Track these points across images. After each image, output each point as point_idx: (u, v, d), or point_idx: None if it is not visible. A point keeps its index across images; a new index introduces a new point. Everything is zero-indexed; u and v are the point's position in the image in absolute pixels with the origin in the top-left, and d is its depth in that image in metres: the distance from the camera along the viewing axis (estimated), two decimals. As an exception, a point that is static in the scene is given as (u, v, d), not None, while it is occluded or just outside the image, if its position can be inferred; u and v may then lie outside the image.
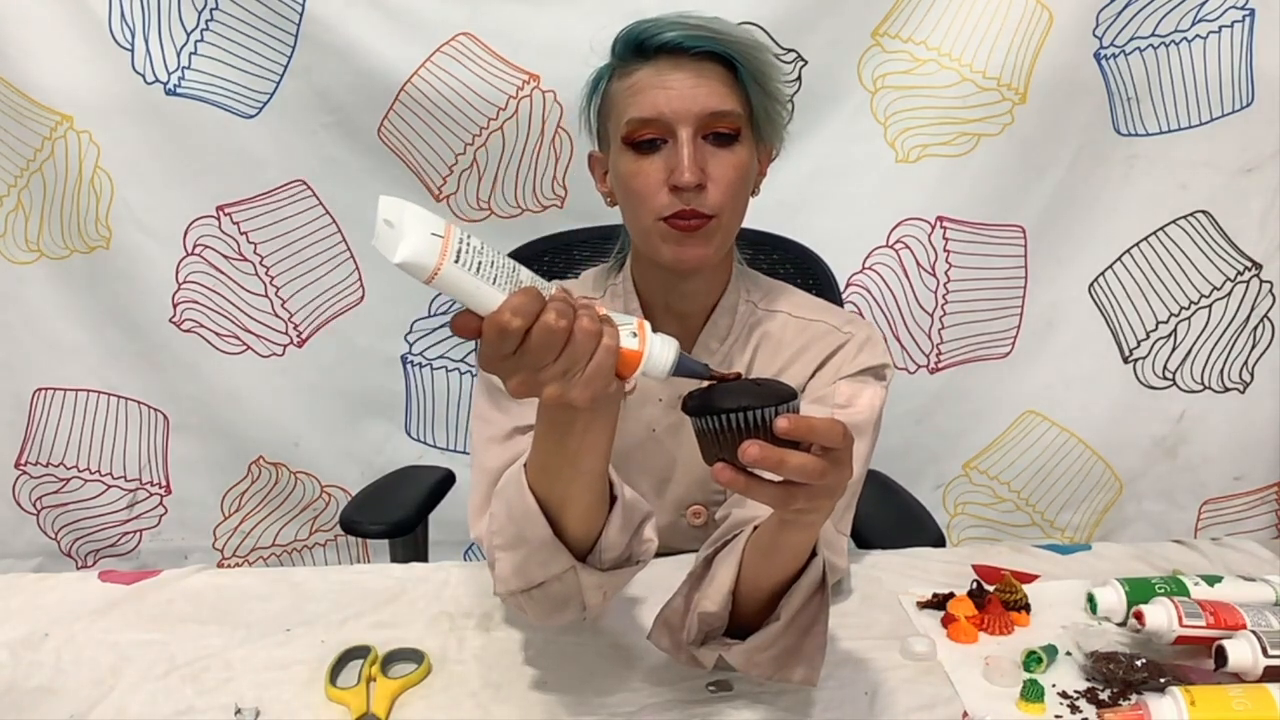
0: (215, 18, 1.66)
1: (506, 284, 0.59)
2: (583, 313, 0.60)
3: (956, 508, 1.94)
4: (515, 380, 0.61)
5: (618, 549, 0.77)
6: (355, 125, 1.70)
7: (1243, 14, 1.67)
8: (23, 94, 1.67)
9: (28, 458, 1.90)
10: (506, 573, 0.77)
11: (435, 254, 0.57)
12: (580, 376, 0.61)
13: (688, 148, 0.86)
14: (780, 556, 0.74)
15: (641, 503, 0.81)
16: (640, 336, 0.63)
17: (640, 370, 0.63)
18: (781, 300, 1.03)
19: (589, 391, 0.61)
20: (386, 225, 0.57)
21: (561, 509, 0.74)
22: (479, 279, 0.58)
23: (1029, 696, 0.79)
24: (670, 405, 1.00)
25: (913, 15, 1.67)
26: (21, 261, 1.79)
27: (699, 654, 0.80)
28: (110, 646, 0.91)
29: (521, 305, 0.58)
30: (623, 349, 0.62)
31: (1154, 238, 1.79)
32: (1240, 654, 0.79)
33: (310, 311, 1.82)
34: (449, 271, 0.57)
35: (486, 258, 0.59)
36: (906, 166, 1.73)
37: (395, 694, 0.83)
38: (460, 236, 0.58)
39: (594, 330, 0.60)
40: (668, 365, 0.63)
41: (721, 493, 1.01)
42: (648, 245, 0.92)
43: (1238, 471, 1.91)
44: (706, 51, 0.86)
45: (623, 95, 0.89)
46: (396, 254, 0.57)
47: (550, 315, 0.59)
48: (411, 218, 0.57)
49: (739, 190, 0.90)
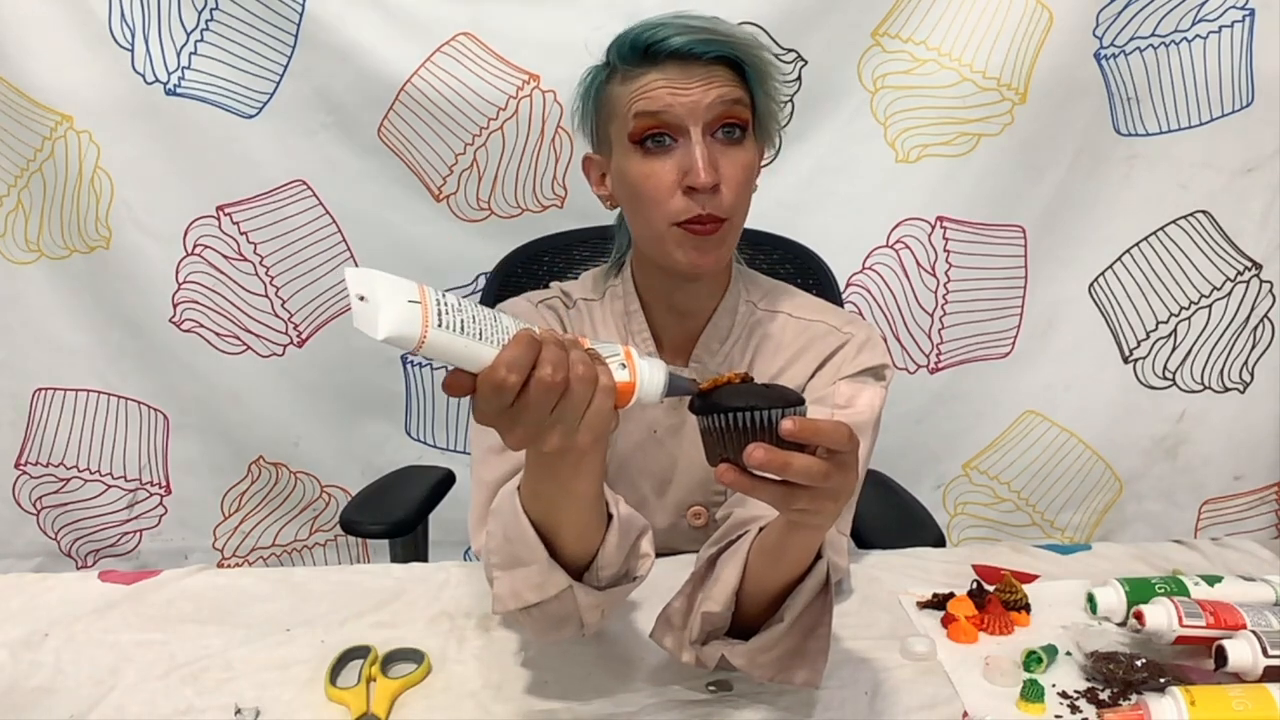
0: (215, 18, 1.66)
1: (493, 336, 0.58)
2: (576, 357, 0.59)
3: (956, 508, 1.94)
4: (515, 434, 0.60)
5: (615, 566, 0.77)
6: (355, 125, 1.70)
7: (1243, 14, 1.67)
8: (23, 94, 1.67)
9: (28, 458, 1.90)
10: (504, 593, 0.77)
11: (417, 323, 0.56)
12: (581, 423, 0.60)
13: (701, 147, 0.85)
14: (786, 558, 0.74)
15: (637, 518, 0.81)
16: (630, 366, 0.63)
17: (634, 400, 0.63)
18: (781, 301, 1.03)
19: (591, 436, 0.61)
20: (360, 301, 0.55)
21: (557, 530, 0.74)
22: (466, 338, 0.57)
23: (1029, 696, 0.79)
24: (672, 406, 1.00)
25: (913, 15, 1.67)
26: (21, 261, 1.79)
27: (701, 653, 0.80)
28: (110, 646, 0.91)
29: (516, 359, 0.57)
30: (616, 384, 0.62)
31: (1154, 238, 1.79)
32: (1240, 654, 0.79)
33: (310, 311, 1.82)
34: (435, 338, 0.56)
35: (467, 313, 0.58)
36: (906, 166, 1.73)
37: (395, 694, 0.83)
38: (436, 298, 0.58)
39: (589, 376, 0.59)
40: (659, 390, 0.63)
41: (722, 494, 1.01)
42: (659, 249, 0.91)
43: (1238, 471, 1.91)
44: (716, 56, 0.86)
45: (628, 96, 0.87)
46: (379, 330, 0.55)
47: (546, 369, 0.57)
48: (385, 288, 0.56)
49: (747, 190, 0.90)
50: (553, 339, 0.59)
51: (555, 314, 1.02)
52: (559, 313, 1.02)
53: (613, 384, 0.61)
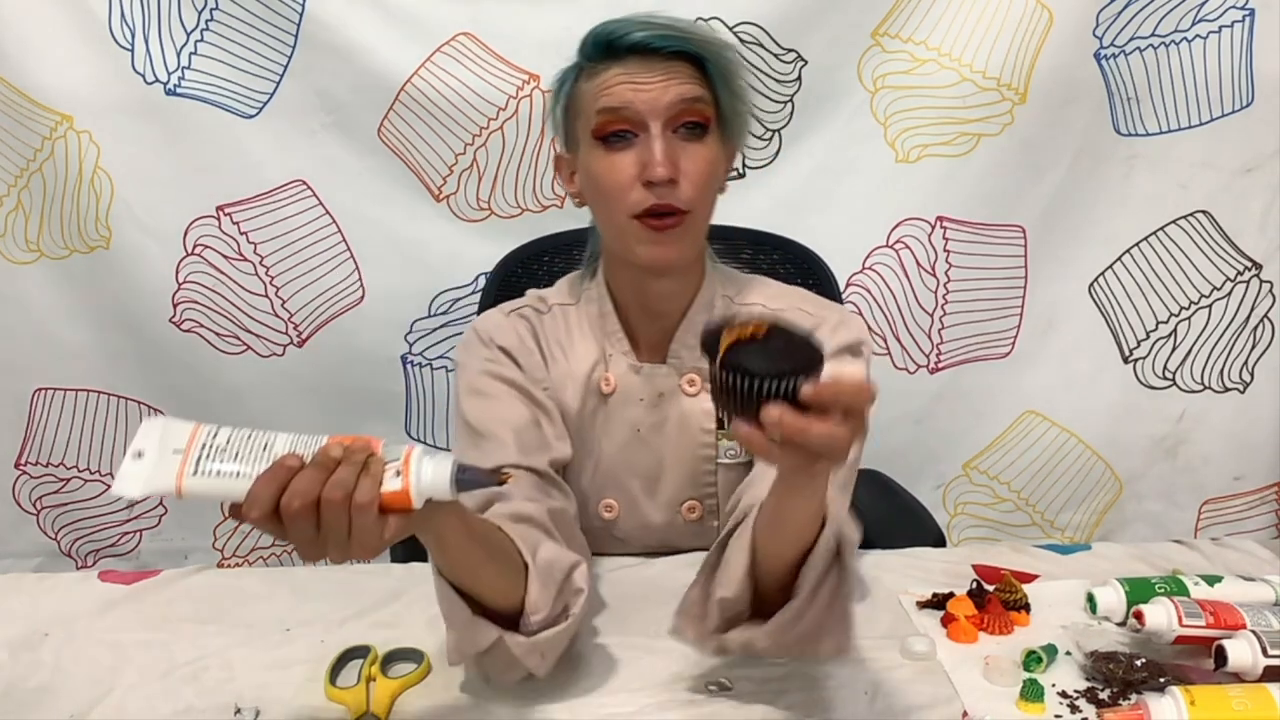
0: (215, 18, 1.66)
1: (255, 470, 0.61)
2: (335, 480, 0.60)
3: (956, 508, 1.94)
4: (298, 551, 0.62)
5: (544, 609, 0.78)
6: (355, 125, 1.70)
7: (1243, 14, 1.67)
8: (23, 94, 1.67)
9: (28, 458, 1.90)
10: (451, 646, 0.79)
11: (173, 476, 0.60)
12: (350, 540, 0.61)
13: (659, 141, 0.86)
14: (787, 529, 0.74)
15: (563, 556, 0.82)
16: (404, 473, 0.62)
17: (415, 505, 0.62)
18: (755, 292, 1.03)
19: (364, 552, 0.62)
20: (136, 458, 0.60)
21: (476, 590, 0.76)
22: (223, 479, 0.61)
23: (1029, 696, 0.79)
24: (652, 404, 1.00)
25: (913, 15, 1.67)
26: (21, 261, 1.79)
27: (724, 641, 0.79)
28: (110, 646, 0.91)
29: (257, 497, 0.60)
30: (385, 495, 0.61)
31: (1154, 238, 1.79)
32: (1240, 654, 0.79)
33: (310, 311, 1.82)
34: (190, 485, 0.60)
35: (231, 449, 0.61)
36: (906, 166, 1.73)
37: (395, 694, 0.83)
38: (203, 442, 0.61)
39: (340, 500, 0.60)
40: (444, 489, 0.63)
41: (714, 485, 1.02)
42: (621, 244, 0.93)
43: (1238, 471, 1.91)
44: (676, 51, 0.87)
45: (591, 93, 0.89)
46: (135, 492, 0.60)
47: (294, 502, 0.59)
48: (157, 442, 0.61)
49: (709, 185, 0.91)
50: (315, 463, 0.61)
51: (528, 323, 1.03)
52: (531, 322, 1.03)
53: (373, 499, 0.61)
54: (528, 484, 0.91)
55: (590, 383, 1.01)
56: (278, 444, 0.63)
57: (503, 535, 0.80)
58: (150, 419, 0.63)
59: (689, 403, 1.00)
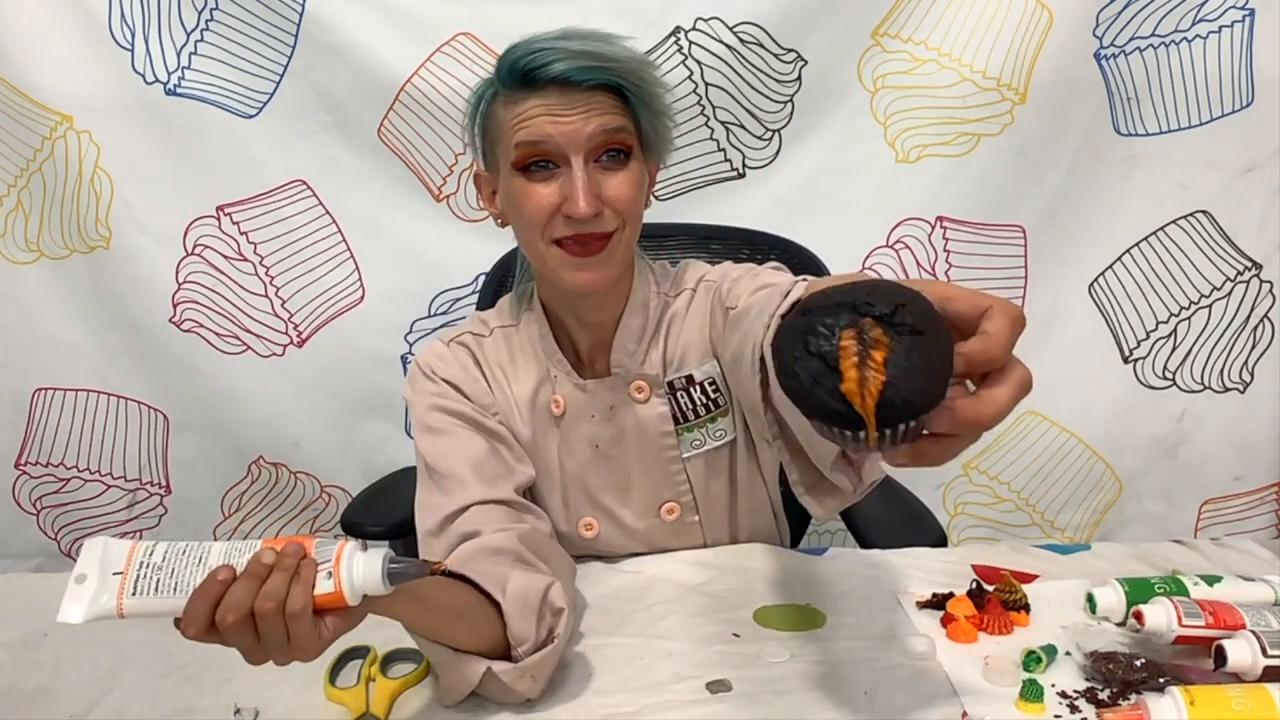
0: (215, 18, 1.66)
1: (190, 582, 0.63)
2: (267, 590, 0.62)
3: (957, 508, 1.94)
4: (244, 656, 0.64)
5: (529, 637, 0.79)
6: (355, 125, 1.70)
7: (1243, 14, 1.67)
8: (23, 94, 1.67)
9: (28, 458, 1.90)
10: (444, 689, 0.81)
11: (113, 598, 0.64)
12: (290, 645, 0.63)
13: (580, 175, 0.85)
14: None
15: (533, 580, 0.82)
16: (335, 574, 0.64)
17: (350, 603, 0.64)
18: (687, 278, 1.03)
19: (305, 655, 0.64)
20: (78, 583, 0.63)
21: (453, 640, 0.77)
22: (161, 597, 0.63)
23: (1028, 696, 0.79)
24: (605, 418, 1.00)
25: (913, 15, 1.66)
26: (21, 261, 1.79)
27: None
28: (110, 646, 0.91)
29: (193, 615, 0.62)
30: (319, 598, 0.63)
31: (1154, 238, 1.79)
32: (1240, 654, 0.79)
33: (310, 311, 1.82)
34: (131, 605, 0.64)
35: (168, 565, 0.64)
36: (906, 166, 1.73)
37: (395, 694, 0.83)
38: (140, 560, 0.64)
39: (272, 610, 0.62)
40: (377, 584, 0.64)
41: (686, 483, 1.02)
42: (544, 268, 0.92)
43: (1238, 471, 1.90)
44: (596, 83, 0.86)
45: (510, 122, 0.88)
46: (77, 617, 0.63)
47: (227, 616, 0.61)
48: (98, 564, 0.64)
49: (634, 207, 0.90)
50: (248, 573, 0.63)
51: (468, 350, 1.03)
52: (472, 349, 1.03)
53: (303, 606, 0.62)
54: (498, 515, 0.91)
55: (538, 406, 1.01)
56: (212, 555, 0.65)
57: (464, 588, 0.79)
58: (91, 540, 0.65)
59: (642, 409, 1.00)
